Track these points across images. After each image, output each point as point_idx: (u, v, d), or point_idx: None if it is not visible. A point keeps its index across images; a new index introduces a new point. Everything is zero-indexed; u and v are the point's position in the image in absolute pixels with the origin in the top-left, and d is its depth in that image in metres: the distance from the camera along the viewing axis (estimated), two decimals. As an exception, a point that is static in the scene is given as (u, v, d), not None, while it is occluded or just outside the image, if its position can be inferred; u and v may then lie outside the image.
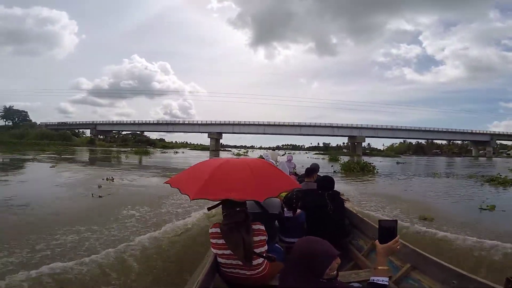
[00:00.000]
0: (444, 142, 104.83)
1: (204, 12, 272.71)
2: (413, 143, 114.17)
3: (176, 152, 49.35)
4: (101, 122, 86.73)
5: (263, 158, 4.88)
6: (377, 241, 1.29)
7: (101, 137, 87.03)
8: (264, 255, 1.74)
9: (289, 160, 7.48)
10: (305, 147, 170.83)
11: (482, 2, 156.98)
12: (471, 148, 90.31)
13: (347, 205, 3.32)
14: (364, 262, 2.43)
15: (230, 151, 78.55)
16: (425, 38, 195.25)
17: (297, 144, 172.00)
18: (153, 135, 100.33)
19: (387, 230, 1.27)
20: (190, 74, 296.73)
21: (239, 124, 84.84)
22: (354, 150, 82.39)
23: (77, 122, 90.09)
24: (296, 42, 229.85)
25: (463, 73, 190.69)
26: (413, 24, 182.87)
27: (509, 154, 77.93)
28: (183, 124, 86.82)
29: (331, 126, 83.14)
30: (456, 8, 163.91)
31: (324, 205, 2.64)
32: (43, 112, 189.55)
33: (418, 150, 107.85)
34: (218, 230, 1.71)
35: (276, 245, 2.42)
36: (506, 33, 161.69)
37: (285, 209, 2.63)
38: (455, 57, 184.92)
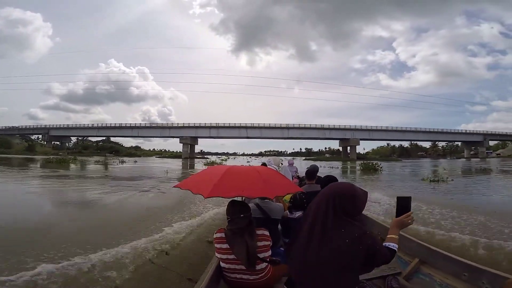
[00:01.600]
0: (428, 144, 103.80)
1: (186, 17, 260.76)
2: (397, 146, 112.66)
3: (123, 162, 35.25)
4: (54, 127, 74.00)
5: (266, 164, 4.51)
6: (394, 217, 1.43)
7: (57, 143, 74.94)
8: (268, 259, 1.76)
9: (291, 165, 7.35)
10: (288, 152, 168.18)
11: (450, 8, 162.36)
12: (462, 149, 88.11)
13: None
14: None
15: (208, 158, 70.05)
16: (399, 44, 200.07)
17: (280, 150, 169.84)
18: (130, 142, 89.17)
19: (402, 205, 1.40)
20: (170, 79, 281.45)
21: (217, 127, 72.27)
22: (346, 154, 75.63)
23: (27, 127, 77.19)
24: (277, 49, 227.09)
25: (433, 78, 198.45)
26: (388, 31, 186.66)
27: (499, 154, 75.59)
28: (150, 127, 73.85)
29: (322, 128, 73.00)
30: (427, 14, 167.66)
31: None
32: (12, 118, 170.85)
33: (403, 153, 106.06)
34: (222, 235, 1.75)
35: (281, 248, 2.39)
36: (471, 39, 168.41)
37: (287, 211, 2.69)
38: (426, 63, 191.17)
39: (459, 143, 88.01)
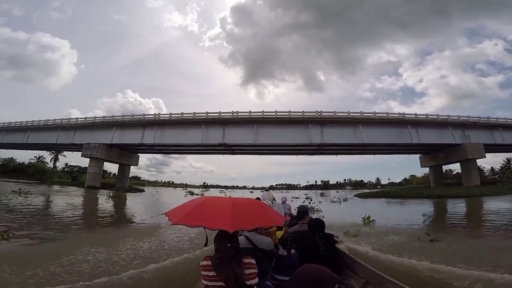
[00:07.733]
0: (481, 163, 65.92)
1: (197, 49, 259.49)
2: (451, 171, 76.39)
3: None
4: None
5: (260, 199, 4.76)
6: None
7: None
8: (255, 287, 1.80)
9: (284, 202, 7.36)
10: (301, 185, 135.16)
11: (450, 27, 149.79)
12: None
13: (339, 246, 3.45)
14: None
15: (142, 191, 39.40)
16: (405, 69, 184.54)
17: (292, 183, 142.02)
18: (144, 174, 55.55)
19: None
20: (183, 112, 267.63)
21: (160, 122, 34.32)
22: (439, 181, 39.75)
23: None
24: (285, 81, 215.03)
25: (447, 102, 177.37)
26: (393, 55, 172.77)
27: None
28: (46, 127, 38.71)
29: (400, 121, 32.61)
30: (427, 36, 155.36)
31: (316, 246, 2.76)
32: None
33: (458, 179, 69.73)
34: (209, 262, 1.77)
35: (267, 282, 2.36)
36: (477, 57, 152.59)
37: (280, 248, 3.00)
38: (436, 87, 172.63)
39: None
